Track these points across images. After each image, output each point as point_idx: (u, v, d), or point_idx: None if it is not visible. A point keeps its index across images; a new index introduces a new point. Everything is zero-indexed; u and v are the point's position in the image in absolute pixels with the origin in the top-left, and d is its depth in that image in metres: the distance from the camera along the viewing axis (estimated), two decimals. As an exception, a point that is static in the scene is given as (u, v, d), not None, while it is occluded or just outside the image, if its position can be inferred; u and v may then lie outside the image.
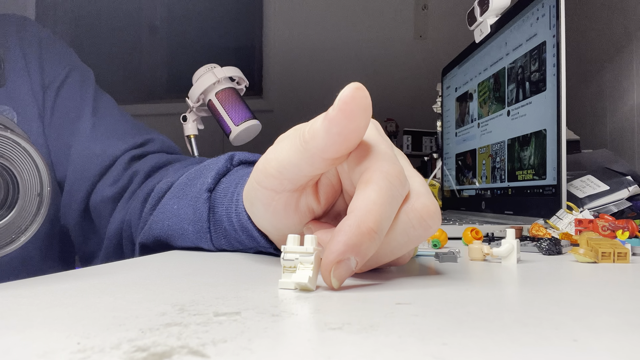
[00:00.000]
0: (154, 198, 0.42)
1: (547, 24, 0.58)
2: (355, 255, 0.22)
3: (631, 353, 0.13)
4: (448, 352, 0.13)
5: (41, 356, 0.13)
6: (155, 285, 0.23)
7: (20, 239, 0.24)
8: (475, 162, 0.82)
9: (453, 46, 1.07)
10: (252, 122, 0.91)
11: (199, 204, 0.37)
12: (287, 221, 0.28)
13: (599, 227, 0.40)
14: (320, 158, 0.24)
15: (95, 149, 0.51)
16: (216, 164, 0.38)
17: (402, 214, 0.23)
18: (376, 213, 0.22)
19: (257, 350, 0.13)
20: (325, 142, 0.23)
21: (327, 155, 0.24)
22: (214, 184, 0.37)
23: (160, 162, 0.51)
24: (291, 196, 0.27)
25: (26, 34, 0.54)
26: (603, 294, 0.22)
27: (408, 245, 0.24)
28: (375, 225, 0.22)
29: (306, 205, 0.28)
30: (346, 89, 0.22)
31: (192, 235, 0.37)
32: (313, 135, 0.24)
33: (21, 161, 0.24)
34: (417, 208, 0.23)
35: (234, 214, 0.34)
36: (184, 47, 2.12)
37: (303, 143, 0.24)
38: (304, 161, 0.25)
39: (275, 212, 0.28)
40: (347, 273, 0.22)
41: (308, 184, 0.27)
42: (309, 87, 1.84)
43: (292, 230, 0.28)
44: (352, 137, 0.23)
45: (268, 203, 0.27)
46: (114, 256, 0.49)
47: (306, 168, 0.25)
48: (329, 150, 0.23)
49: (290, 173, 0.25)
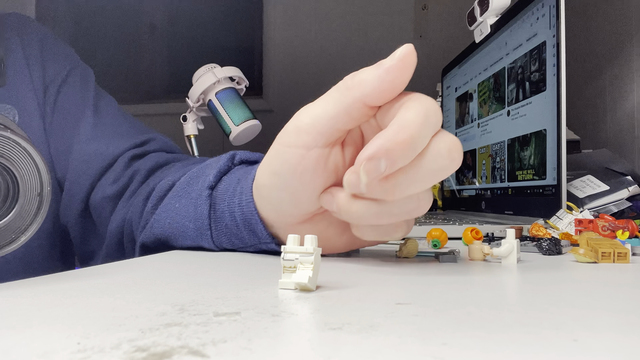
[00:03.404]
0: (155, 197, 0.42)
1: (547, 24, 0.58)
2: (385, 159, 0.24)
3: (631, 353, 0.13)
4: (448, 352, 0.13)
5: (41, 356, 0.13)
6: (155, 285, 0.23)
7: (20, 238, 0.24)
8: (475, 162, 0.82)
9: (453, 46, 1.07)
10: (252, 122, 0.91)
11: (200, 201, 0.37)
12: (313, 184, 0.29)
13: (599, 227, 0.40)
14: (361, 104, 0.27)
15: (96, 148, 0.51)
16: (217, 162, 0.39)
17: (433, 142, 0.26)
18: (412, 129, 0.24)
19: (257, 350, 0.13)
20: (374, 88, 0.26)
21: (370, 101, 0.27)
22: (215, 182, 0.37)
23: (161, 161, 0.51)
24: (322, 153, 0.28)
25: (27, 33, 0.54)
26: (603, 294, 0.21)
27: (435, 175, 0.26)
28: (409, 138, 0.24)
29: (334, 163, 0.29)
30: (403, 48, 0.25)
31: (192, 233, 0.37)
32: (360, 82, 0.26)
33: (21, 161, 0.24)
34: (446, 140, 0.26)
35: (236, 207, 0.34)
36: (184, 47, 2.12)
37: (345, 90, 0.27)
38: (342, 110, 0.27)
39: (303, 172, 0.29)
40: (375, 171, 0.24)
41: (338, 141, 0.29)
42: (309, 88, 1.84)
43: (312, 200, 0.30)
44: (398, 87, 0.26)
45: (297, 163, 0.29)
46: (114, 255, 0.49)
47: (342, 118, 0.27)
48: (374, 96, 0.26)
49: (324, 126, 0.28)
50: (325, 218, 0.33)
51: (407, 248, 0.34)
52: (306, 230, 0.33)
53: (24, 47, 0.53)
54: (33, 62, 0.53)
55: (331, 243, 0.34)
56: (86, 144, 0.51)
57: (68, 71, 0.55)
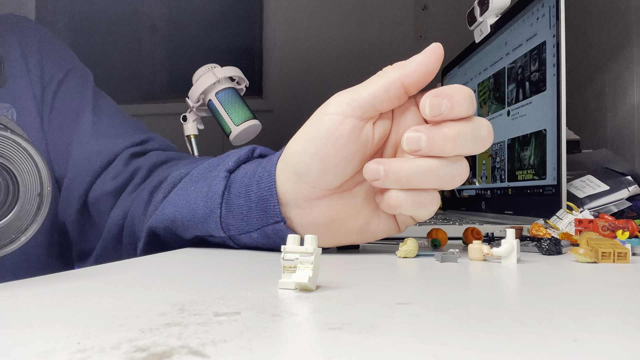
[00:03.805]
0: (167, 187, 0.43)
1: (547, 24, 0.58)
2: (448, 101, 0.29)
3: (631, 353, 0.13)
4: (448, 352, 0.13)
5: (41, 356, 0.13)
6: (155, 285, 0.23)
7: (21, 239, 0.24)
8: (475, 162, 0.82)
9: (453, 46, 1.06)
10: (252, 122, 0.91)
11: (216, 181, 0.38)
12: (345, 152, 0.32)
13: (599, 227, 0.40)
14: (400, 83, 0.31)
15: (95, 146, 0.51)
16: (238, 152, 0.40)
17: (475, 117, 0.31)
18: (468, 90, 0.30)
19: (257, 350, 0.13)
20: (412, 69, 0.31)
21: (407, 81, 0.31)
22: (234, 167, 0.39)
23: (161, 159, 0.51)
24: (358, 124, 0.32)
25: (26, 34, 0.55)
26: (603, 294, 0.21)
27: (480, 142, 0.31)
28: (468, 92, 0.30)
29: (365, 137, 0.32)
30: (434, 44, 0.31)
31: (201, 212, 0.37)
32: (399, 65, 0.32)
33: (21, 161, 0.24)
34: (482, 119, 0.31)
35: (254, 185, 0.36)
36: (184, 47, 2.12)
37: (384, 72, 0.32)
38: (382, 87, 0.31)
39: (339, 138, 0.32)
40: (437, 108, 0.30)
41: (372, 119, 0.33)
42: (309, 87, 1.84)
43: (338, 171, 0.33)
44: (431, 72, 0.31)
45: (335, 128, 0.32)
46: (111, 250, 0.49)
47: (381, 95, 0.31)
48: (412, 76, 0.31)
49: (363, 99, 0.32)
50: (343, 198, 0.34)
51: (407, 248, 0.34)
52: (323, 207, 0.34)
53: (23, 47, 0.53)
54: (31, 62, 0.53)
55: (344, 226, 0.34)
56: (86, 142, 0.52)
57: (66, 72, 0.55)
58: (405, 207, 0.32)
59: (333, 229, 0.35)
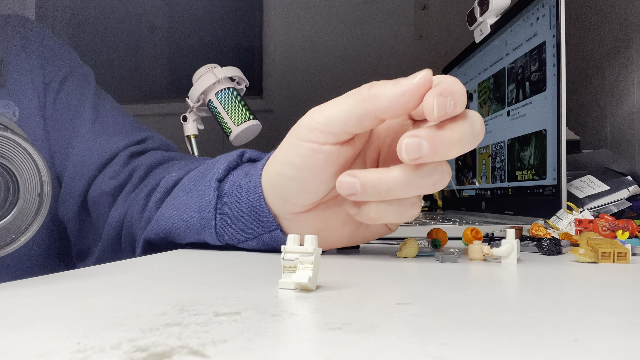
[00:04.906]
0: (160, 192, 0.43)
1: (547, 24, 0.58)
2: (451, 99, 0.27)
3: (631, 353, 0.13)
4: (448, 352, 0.13)
5: (41, 356, 0.13)
6: (155, 285, 0.23)
7: (21, 239, 0.24)
8: (475, 162, 0.82)
9: (453, 46, 1.07)
10: (252, 122, 0.91)
11: (207, 192, 0.38)
12: (322, 176, 0.31)
13: (599, 227, 0.40)
14: (373, 116, 0.29)
15: (95, 144, 0.51)
16: (227, 158, 0.40)
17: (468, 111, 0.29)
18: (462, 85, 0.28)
19: (257, 350, 0.13)
20: (388, 106, 0.28)
21: (382, 115, 0.29)
22: (224, 175, 0.38)
23: (160, 159, 0.51)
24: (333, 149, 0.30)
25: (28, 34, 0.55)
26: (603, 294, 0.21)
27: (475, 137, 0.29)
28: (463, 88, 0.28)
29: (344, 157, 0.31)
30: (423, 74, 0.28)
31: (197, 223, 0.37)
32: (375, 96, 0.28)
33: (21, 161, 0.24)
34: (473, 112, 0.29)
35: (244, 196, 0.35)
36: (184, 47, 2.12)
37: (360, 100, 0.29)
38: (354, 117, 0.29)
39: (315, 165, 0.31)
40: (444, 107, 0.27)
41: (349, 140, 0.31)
42: (309, 87, 1.84)
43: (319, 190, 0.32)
44: (410, 108, 0.28)
45: (310, 156, 0.31)
46: (111, 251, 0.49)
47: (354, 124, 0.29)
48: (387, 112, 0.28)
49: (336, 127, 0.30)
50: (329, 207, 0.34)
51: (407, 248, 0.34)
52: (310, 219, 0.34)
53: (25, 47, 0.54)
54: (34, 61, 0.53)
55: (334, 234, 0.34)
56: (86, 140, 0.52)
57: (68, 71, 0.55)
58: (387, 218, 0.31)
59: (322, 237, 0.34)
